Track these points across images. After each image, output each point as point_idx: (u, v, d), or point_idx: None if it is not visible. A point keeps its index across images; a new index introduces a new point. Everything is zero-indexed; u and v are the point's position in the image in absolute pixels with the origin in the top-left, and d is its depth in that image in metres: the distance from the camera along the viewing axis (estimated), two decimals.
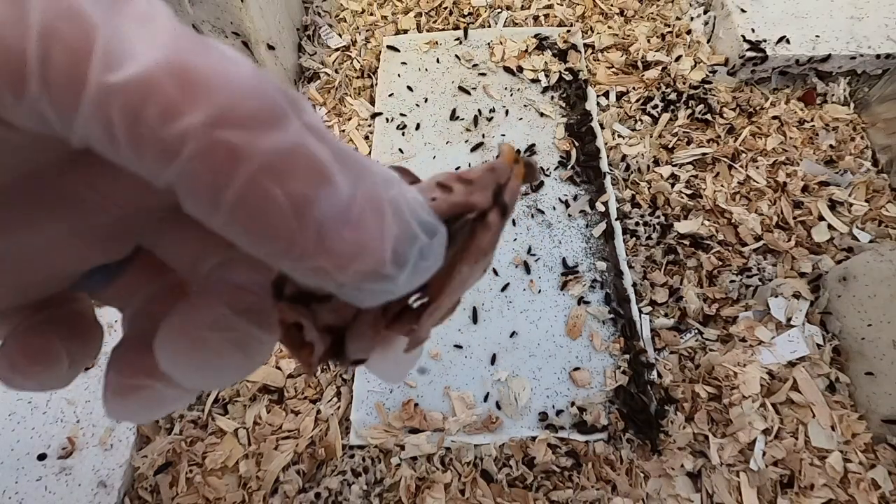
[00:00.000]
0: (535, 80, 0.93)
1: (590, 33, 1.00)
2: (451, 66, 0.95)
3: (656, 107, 0.90)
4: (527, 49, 0.96)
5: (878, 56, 0.87)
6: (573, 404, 0.65)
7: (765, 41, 0.89)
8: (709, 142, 0.86)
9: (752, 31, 0.90)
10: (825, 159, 0.85)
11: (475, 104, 0.91)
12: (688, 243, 0.77)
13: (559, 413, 0.65)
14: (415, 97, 0.92)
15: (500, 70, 0.94)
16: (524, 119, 0.89)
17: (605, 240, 0.77)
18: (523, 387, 0.66)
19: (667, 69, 0.93)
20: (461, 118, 0.89)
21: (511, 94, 0.92)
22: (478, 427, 0.64)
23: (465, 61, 0.96)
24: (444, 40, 0.98)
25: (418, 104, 0.91)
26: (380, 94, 0.92)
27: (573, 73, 0.93)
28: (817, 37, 0.89)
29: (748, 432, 0.62)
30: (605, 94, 0.93)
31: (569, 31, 0.98)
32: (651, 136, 0.87)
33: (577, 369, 0.68)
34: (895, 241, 0.76)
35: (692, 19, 0.99)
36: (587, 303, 0.72)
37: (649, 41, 0.97)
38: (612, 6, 1.03)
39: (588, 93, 0.91)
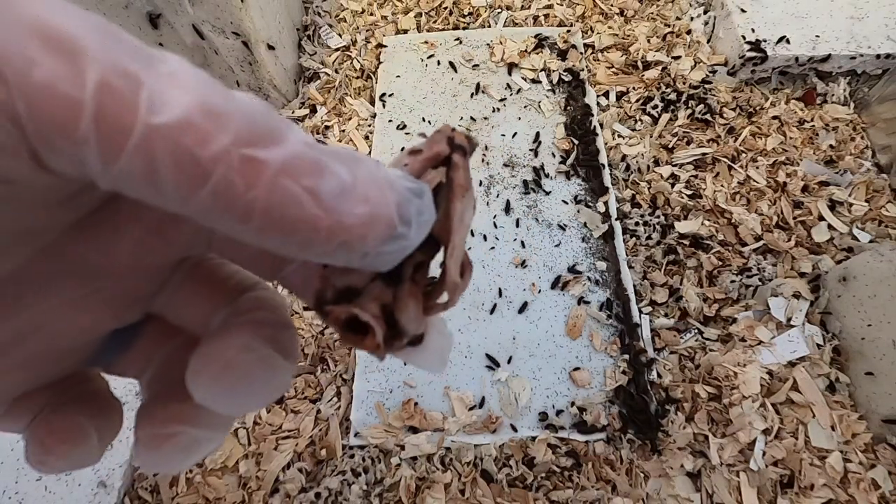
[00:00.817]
0: (536, 80, 0.93)
1: (590, 33, 1.00)
2: (451, 66, 0.95)
3: (656, 107, 0.90)
4: (526, 49, 0.96)
5: (878, 56, 0.87)
6: (573, 404, 0.65)
7: (765, 41, 0.89)
8: (709, 142, 0.86)
9: (752, 31, 0.90)
10: (825, 159, 0.85)
11: (475, 104, 0.91)
12: (688, 243, 0.77)
13: (559, 413, 0.65)
14: (415, 97, 0.92)
15: (500, 70, 0.94)
16: (524, 119, 0.89)
17: (605, 240, 0.77)
18: (523, 387, 0.66)
19: (667, 69, 0.93)
20: (461, 118, 0.89)
21: (511, 94, 0.92)
22: (478, 427, 0.64)
23: (465, 61, 0.96)
24: (443, 40, 0.98)
25: (418, 104, 0.91)
26: (380, 93, 0.92)
27: (573, 73, 0.93)
28: (817, 37, 0.89)
29: (748, 432, 0.62)
30: (605, 94, 0.93)
31: (569, 31, 0.98)
32: (651, 136, 0.87)
33: (577, 369, 0.68)
34: (895, 241, 0.76)
35: (692, 19, 0.99)
36: (587, 303, 0.72)
37: (649, 41, 0.97)
38: (612, 6, 1.03)
39: (588, 93, 0.91)
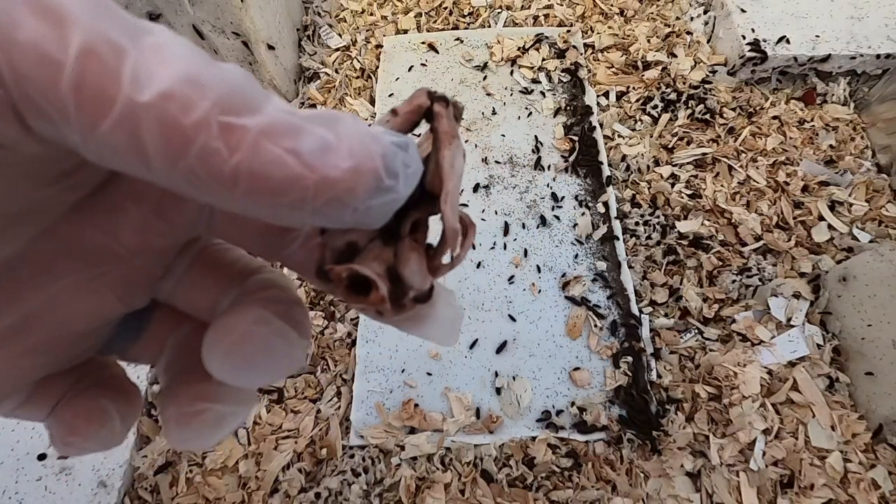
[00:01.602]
0: (536, 80, 0.93)
1: (590, 33, 1.00)
2: (451, 66, 0.95)
3: (656, 107, 0.90)
4: (524, 45, 0.96)
5: (878, 56, 0.87)
6: (573, 404, 0.65)
7: (765, 41, 0.89)
8: (709, 142, 0.86)
9: (752, 31, 0.90)
10: (825, 159, 0.85)
11: (475, 104, 0.91)
12: (688, 243, 0.77)
13: (559, 413, 0.65)
14: None
15: (500, 70, 0.94)
16: (524, 119, 0.89)
17: (605, 240, 0.77)
18: (525, 388, 0.66)
19: (667, 69, 0.93)
20: (461, 118, 0.89)
21: (511, 94, 0.92)
22: (477, 427, 0.64)
23: (465, 61, 0.96)
24: (444, 40, 0.98)
25: None
26: (380, 94, 0.92)
27: (573, 74, 0.93)
28: (817, 37, 0.89)
29: (748, 432, 0.62)
30: (605, 94, 0.93)
31: (569, 31, 0.98)
32: (651, 136, 0.87)
33: (577, 369, 0.68)
34: (895, 241, 0.76)
35: (692, 19, 0.99)
36: (587, 303, 0.72)
37: (649, 41, 0.97)
38: (612, 6, 1.03)
39: (588, 93, 0.91)
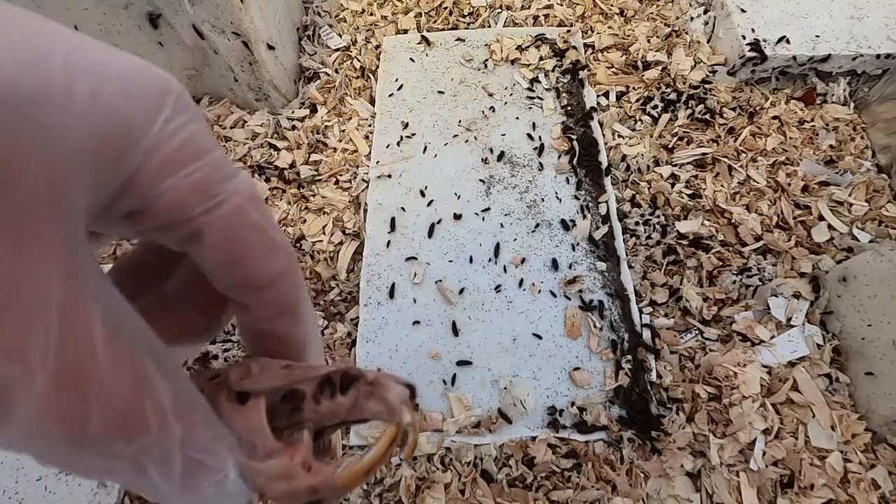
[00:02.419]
0: (536, 79, 0.93)
1: (590, 33, 1.00)
2: (451, 66, 0.95)
3: (656, 107, 0.90)
4: (524, 46, 0.96)
5: (878, 56, 0.87)
6: (573, 404, 0.65)
7: (765, 41, 0.89)
8: (709, 142, 0.86)
9: (752, 31, 0.90)
10: (825, 159, 0.85)
11: (475, 104, 0.91)
12: (688, 243, 0.77)
13: (559, 413, 0.65)
14: (415, 97, 0.92)
15: (500, 70, 0.94)
16: (524, 119, 0.89)
17: (605, 240, 0.77)
18: (527, 392, 0.66)
19: (667, 69, 0.93)
20: (461, 118, 0.89)
21: (511, 94, 0.92)
22: (477, 428, 0.64)
23: (465, 61, 0.96)
24: (444, 40, 0.98)
25: (418, 104, 0.91)
26: (380, 94, 0.92)
27: (573, 74, 0.93)
28: (817, 37, 0.89)
29: (748, 432, 0.62)
30: (605, 94, 0.93)
31: (569, 31, 0.98)
32: (651, 136, 0.87)
33: (576, 369, 0.68)
34: (895, 241, 0.76)
35: (692, 19, 0.99)
36: (587, 303, 0.72)
37: (649, 41, 0.97)
38: (612, 6, 1.03)
39: (588, 93, 0.92)
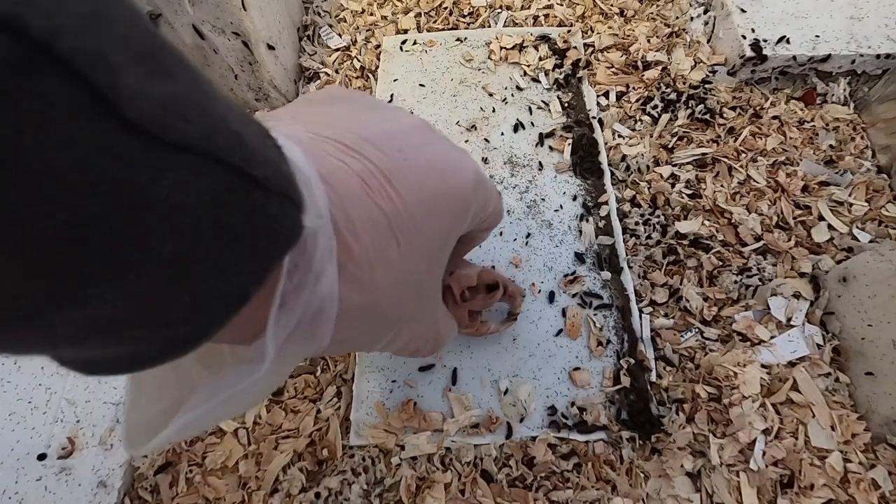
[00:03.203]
0: (535, 79, 0.93)
1: (590, 33, 1.00)
2: (451, 66, 0.95)
3: (656, 107, 0.90)
4: (524, 46, 0.96)
5: (878, 56, 0.87)
6: (573, 404, 0.65)
7: (765, 41, 0.89)
8: (709, 142, 0.86)
9: (752, 31, 0.90)
10: (825, 159, 0.85)
11: (475, 104, 0.91)
12: (688, 243, 0.77)
13: (559, 413, 0.65)
14: (414, 97, 0.92)
15: (500, 70, 0.94)
16: (523, 119, 0.89)
17: (605, 240, 0.77)
18: (528, 392, 0.66)
19: (667, 69, 0.93)
20: (461, 118, 0.89)
21: (511, 94, 0.92)
22: (477, 428, 0.64)
23: (465, 61, 0.96)
24: (443, 40, 0.98)
25: (418, 104, 0.91)
26: (379, 94, 0.92)
27: (573, 73, 0.93)
28: (817, 37, 0.89)
29: (748, 432, 0.62)
30: (605, 94, 0.93)
31: (569, 31, 0.98)
32: (651, 136, 0.87)
33: (576, 369, 0.68)
34: (895, 241, 0.76)
35: (692, 19, 0.99)
36: (587, 303, 0.72)
37: (649, 41, 0.97)
38: (612, 6, 1.03)
39: (588, 93, 0.92)
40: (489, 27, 1.01)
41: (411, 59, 0.97)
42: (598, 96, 0.92)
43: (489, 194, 0.37)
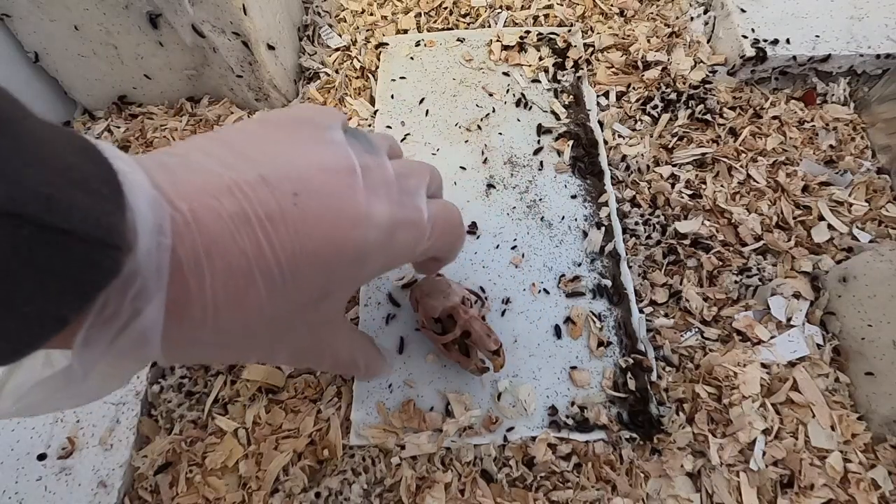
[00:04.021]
0: (535, 79, 0.93)
1: (590, 33, 1.00)
2: (451, 66, 0.95)
3: (656, 107, 0.90)
4: (524, 46, 0.96)
5: (878, 56, 0.87)
6: (573, 404, 0.65)
7: (765, 41, 0.89)
8: (709, 142, 0.86)
9: (753, 31, 0.90)
10: (825, 159, 0.85)
11: (475, 104, 0.91)
12: (688, 243, 0.77)
13: (559, 413, 0.65)
14: (414, 97, 0.92)
15: (500, 70, 0.94)
16: (524, 119, 0.89)
17: (605, 240, 0.77)
18: (528, 393, 0.66)
19: (667, 69, 0.93)
20: (461, 118, 0.89)
21: (511, 94, 0.92)
22: (477, 428, 0.64)
23: (465, 61, 0.96)
24: (443, 40, 0.98)
25: (419, 103, 0.91)
26: (379, 94, 0.93)
27: (573, 73, 0.93)
28: (817, 37, 0.89)
29: (748, 432, 0.62)
30: (605, 94, 0.93)
31: (569, 31, 0.98)
32: (651, 136, 0.87)
33: (576, 369, 0.68)
34: (895, 241, 0.76)
35: (692, 19, 0.99)
36: (587, 303, 0.72)
37: (649, 41, 0.97)
38: (612, 6, 1.03)
39: (588, 93, 0.92)
40: (489, 27, 1.01)
41: (411, 59, 0.96)
42: (598, 96, 0.92)
43: (416, 240, 0.36)
